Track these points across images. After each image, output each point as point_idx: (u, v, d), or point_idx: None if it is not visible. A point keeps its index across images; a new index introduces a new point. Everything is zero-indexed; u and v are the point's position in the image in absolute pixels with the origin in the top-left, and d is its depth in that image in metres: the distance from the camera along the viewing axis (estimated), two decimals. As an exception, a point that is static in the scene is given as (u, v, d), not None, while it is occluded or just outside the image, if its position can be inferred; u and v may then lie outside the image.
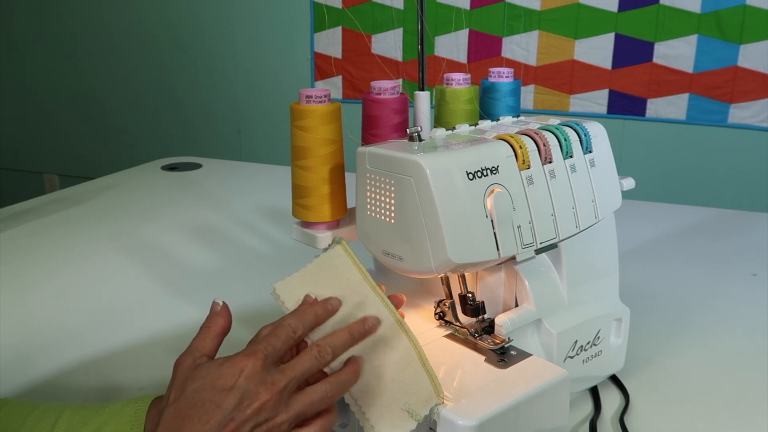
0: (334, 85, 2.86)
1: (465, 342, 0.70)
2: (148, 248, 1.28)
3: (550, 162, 0.69)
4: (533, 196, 0.67)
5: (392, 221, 0.65)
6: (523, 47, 2.55)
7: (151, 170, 1.83)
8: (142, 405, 0.64)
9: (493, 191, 0.63)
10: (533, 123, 0.74)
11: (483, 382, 0.63)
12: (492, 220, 0.63)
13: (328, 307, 0.63)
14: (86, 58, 3.34)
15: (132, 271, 1.18)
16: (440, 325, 0.74)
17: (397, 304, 0.68)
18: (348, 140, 0.75)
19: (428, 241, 0.62)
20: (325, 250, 0.68)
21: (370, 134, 0.76)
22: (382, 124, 0.75)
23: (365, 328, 0.61)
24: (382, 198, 0.66)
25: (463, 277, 0.70)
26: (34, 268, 1.20)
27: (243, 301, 0.83)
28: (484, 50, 2.61)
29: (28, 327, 0.98)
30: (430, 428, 0.60)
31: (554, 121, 0.74)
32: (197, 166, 1.85)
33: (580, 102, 2.54)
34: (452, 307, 0.72)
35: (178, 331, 0.83)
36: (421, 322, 0.75)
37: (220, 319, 0.62)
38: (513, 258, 0.67)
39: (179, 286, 1.11)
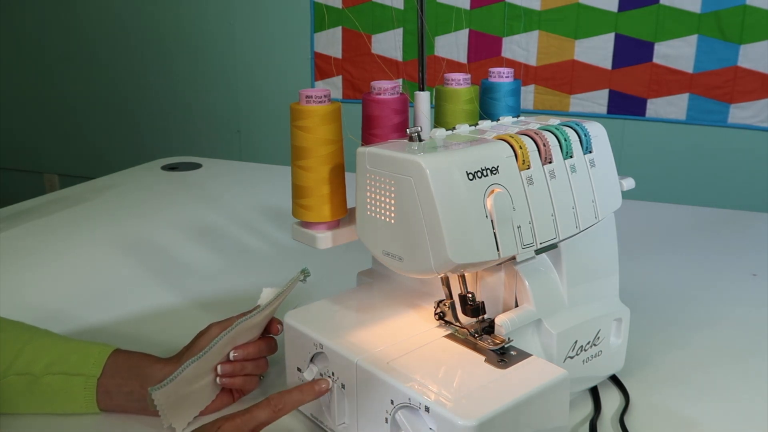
0: (334, 85, 2.86)
1: (465, 342, 0.70)
2: (148, 248, 1.28)
3: (550, 162, 0.69)
4: (533, 196, 0.67)
5: (392, 221, 0.65)
6: (523, 47, 2.55)
7: (151, 170, 1.83)
8: (106, 350, 0.75)
9: (493, 191, 0.63)
10: (533, 123, 0.74)
11: (483, 382, 0.63)
12: (492, 220, 0.63)
13: (316, 388, 0.69)
14: (86, 58, 3.34)
15: (132, 271, 1.18)
16: (440, 325, 0.74)
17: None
18: (348, 140, 0.75)
19: (428, 241, 0.62)
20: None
21: (370, 134, 0.76)
22: (382, 124, 0.75)
23: (315, 389, 0.68)
24: (382, 198, 0.66)
25: (463, 277, 0.70)
26: (34, 268, 1.20)
27: (242, 301, 0.83)
28: (484, 50, 2.61)
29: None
30: (431, 428, 0.60)
31: (554, 121, 0.74)
32: (197, 166, 1.85)
33: (580, 102, 2.54)
34: (452, 307, 0.72)
35: (178, 331, 0.83)
36: (421, 322, 0.75)
37: (269, 411, 0.65)
38: (513, 258, 0.67)
39: (179, 285, 1.11)
